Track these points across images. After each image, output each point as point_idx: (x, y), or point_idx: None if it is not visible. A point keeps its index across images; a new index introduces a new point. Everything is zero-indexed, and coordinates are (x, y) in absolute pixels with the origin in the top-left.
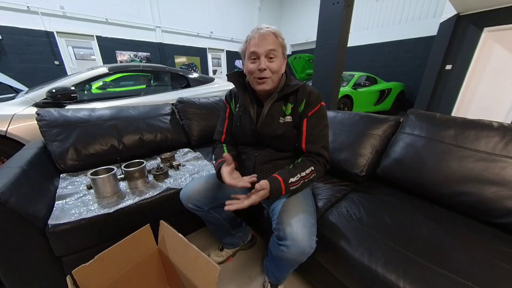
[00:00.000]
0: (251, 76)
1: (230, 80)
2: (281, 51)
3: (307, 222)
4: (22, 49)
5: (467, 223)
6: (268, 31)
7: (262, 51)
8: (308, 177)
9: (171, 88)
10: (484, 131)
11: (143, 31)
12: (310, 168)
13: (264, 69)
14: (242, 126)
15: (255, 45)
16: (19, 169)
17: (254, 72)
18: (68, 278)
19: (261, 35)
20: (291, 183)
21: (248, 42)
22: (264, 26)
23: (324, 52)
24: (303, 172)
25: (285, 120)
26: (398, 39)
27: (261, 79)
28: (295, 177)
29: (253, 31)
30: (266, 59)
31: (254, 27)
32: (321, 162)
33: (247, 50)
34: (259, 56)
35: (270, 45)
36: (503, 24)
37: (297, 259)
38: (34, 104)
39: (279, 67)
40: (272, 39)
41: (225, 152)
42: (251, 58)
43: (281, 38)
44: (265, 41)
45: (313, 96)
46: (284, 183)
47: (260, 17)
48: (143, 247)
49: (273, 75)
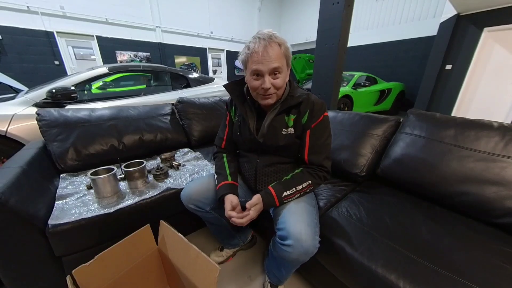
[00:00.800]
0: (255, 92)
1: (227, 90)
2: (286, 62)
3: (310, 221)
4: (22, 49)
5: (467, 223)
6: (271, 42)
7: (266, 69)
8: (305, 190)
9: (171, 88)
10: (484, 131)
11: (143, 31)
12: (308, 181)
13: (269, 88)
14: (242, 135)
15: (258, 62)
16: (19, 169)
17: (258, 89)
18: (68, 278)
19: (264, 49)
20: (284, 196)
21: (251, 55)
22: (266, 34)
23: (324, 52)
24: (299, 186)
25: (288, 132)
26: (398, 39)
27: (266, 95)
28: (289, 191)
29: (255, 40)
30: (270, 77)
31: (254, 27)
32: (321, 177)
33: (249, 63)
34: (263, 74)
35: (275, 62)
36: (503, 24)
37: (300, 259)
38: (34, 104)
39: (283, 81)
40: (276, 53)
41: (226, 168)
42: (254, 75)
43: (285, 47)
44: (269, 56)
45: (317, 107)
46: (277, 198)
47: (260, 17)
48: (143, 247)
49: (278, 91)
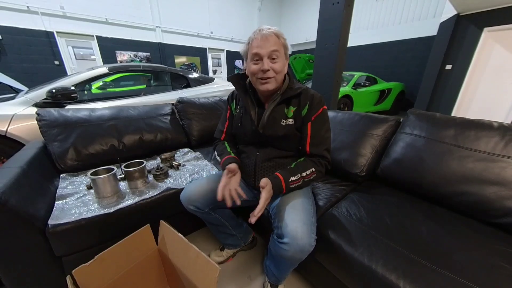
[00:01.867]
0: (254, 77)
1: (231, 81)
2: (284, 51)
3: (307, 220)
4: (22, 49)
5: (467, 223)
6: (270, 32)
7: (264, 52)
8: (309, 177)
9: (171, 88)
10: (484, 131)
11: (143, 31)
12: (312, 169)
13: (268, 69)
14: (243, 127)
15: (257, 47)
16: (19, 169)
17: (257, 73)
18: (68, 278)
19: (263, 36)
20: (291, 181)
21: (250, 43)
22: (265, 27)
23: (324, 52)
24: (304, 172)
25: (287, 123)
26: (398, 39)
27: (264, 79)
28: (295, 176)
29: (255, 32)
30: (268, 60)
31: (254, 27)
32: (323, 164)
33: (249, 51)
34: (261, 57)
35: (273, 46)
36: (503, 24)
37: (296, 257)
38: (34, 104)
39: (282, 67)
40: (274, 40)
41: (228, 150)
42: (253, 60)
43: (283, 39)
44: (268, 42)
45: (316, 100)
46: (284, 182)
47: (260, 17)
48: (143, 247)
49: (277, 75)
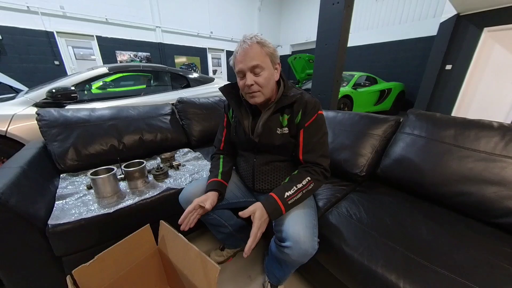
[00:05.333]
0: (243, 91)
1: (222, 93)
2: (270, 59)
3: (309, 223)
4: (22, 49)
5: (467, 223)
6: (251, 43)
7: (246, 68)
8: (307, 187)
9: (171, 88)
10: (484, 131)
11: (143, 31)
12: (307, 178)
13: (252, 84)
14: (238, 136)
15: (239, 62)
16: (19, 169)
17: (244, 88)
18: (68, 278)
19: (243, 50)
20: (287, 196)
21: (235, 58)
22: (248, 37)
23: (324, 52)
24: (299, 184)
25: (283, 131)
26: (398, 39)
27: (251, 93)
28: (291, 190)
29: (239, 43)
30: (252, 74)
31: (254, 27)
32: (319, 172)
33: (234, 66)
34: (244, 73)
35: (254, 60)
36: (503, 24)
37: (298, 261)
38: (34, 104)
39: (267, 79)
40: (256, 52)
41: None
42: (239, 76)
43: (268, 47)
44: (248, 56)
45: (310, 106)
46: (280, 199)
47: (260, 17)
48: (143, 247)
49: (263, 89)
